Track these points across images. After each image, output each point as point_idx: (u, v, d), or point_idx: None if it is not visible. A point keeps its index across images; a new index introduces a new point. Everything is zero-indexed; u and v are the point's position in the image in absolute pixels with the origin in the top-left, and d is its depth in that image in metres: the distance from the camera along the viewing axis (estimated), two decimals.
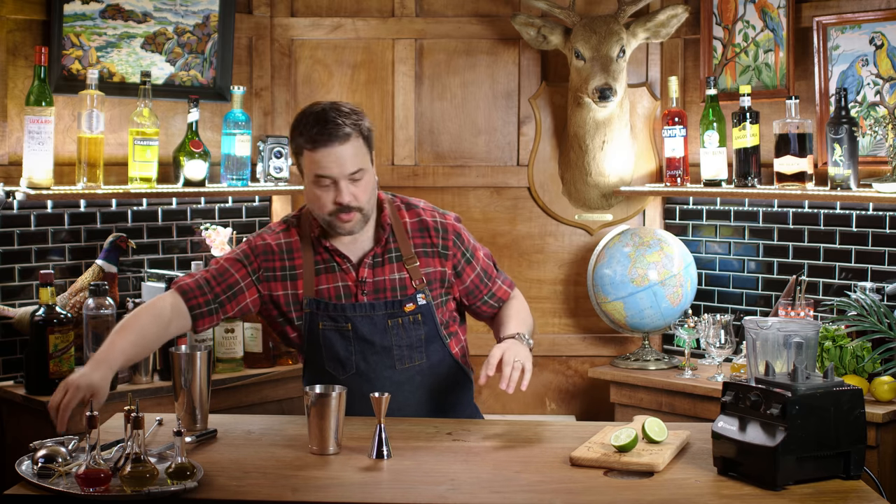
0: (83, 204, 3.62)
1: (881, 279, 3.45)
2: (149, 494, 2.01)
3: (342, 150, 2.55)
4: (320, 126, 2.55)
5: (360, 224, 2.62)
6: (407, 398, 2.68)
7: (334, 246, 2.66)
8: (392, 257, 2.68)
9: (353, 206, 2.58)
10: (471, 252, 2.78)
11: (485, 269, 2.81)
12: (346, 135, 2.55)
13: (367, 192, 2.61)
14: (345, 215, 2.58)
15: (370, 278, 2.66)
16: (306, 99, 4.12)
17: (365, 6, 4.12)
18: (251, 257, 2.68)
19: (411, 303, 2.66)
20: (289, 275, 2.67)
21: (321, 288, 2.66)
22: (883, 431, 3.08)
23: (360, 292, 2.65)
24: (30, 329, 3.17)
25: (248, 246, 2.70)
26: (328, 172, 2.56)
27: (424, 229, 2.72)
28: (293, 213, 2.77)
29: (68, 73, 3.53)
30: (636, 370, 3.76)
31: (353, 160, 2.57)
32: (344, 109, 2.59)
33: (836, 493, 2.05)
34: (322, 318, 2.65)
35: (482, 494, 2.07)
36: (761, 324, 2.22)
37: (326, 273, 2.67)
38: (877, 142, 3.46)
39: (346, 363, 2.66)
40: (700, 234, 3.99)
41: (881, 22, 3.43)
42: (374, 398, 2.29)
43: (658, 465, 2.18)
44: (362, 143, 2.60)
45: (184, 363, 2.49)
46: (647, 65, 4.06)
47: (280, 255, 2.68)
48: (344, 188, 2.56)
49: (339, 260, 2.67)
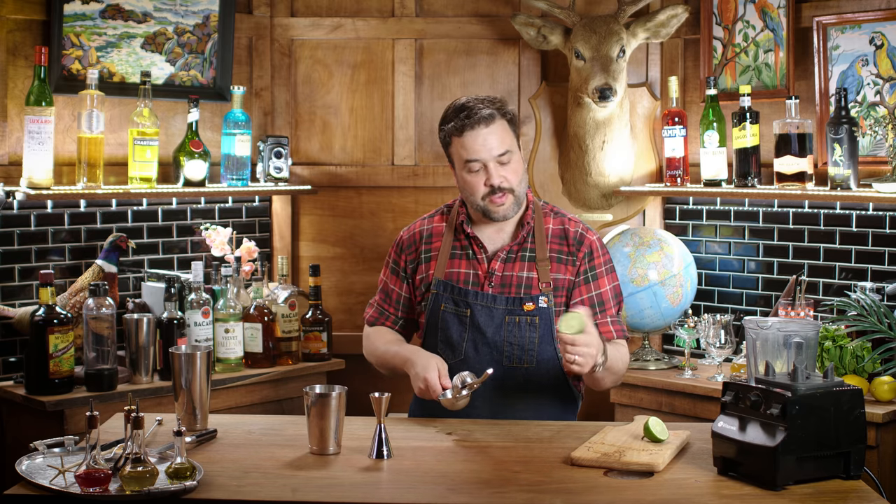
0: (83, 204, 3.62)
1: (881, 279, 3.45)
2: (149, 494, 2.01)
3: (487, 132, 2.64)
4: (465, 112, 2.66)
5: (513, 207, 2.70)
6: (506, 398, 2.68)
7: (475, 234, 2.74)
8: (525, 255, 2.73)
9: (504, 187, 2.66)
10: (595, 273, 2.75)
11: (601, 299, 2.74)
12: (490, 116, 2.65)
13: (517, 174, 2.69)
14: (497, 198, 2.66)
15: (500, 271, 2.71)
16: (306, 99, 4.12)
17: (365, 6, 4.12)
18: (400, 261, 2.84)
19: (532, 303, 2.68)
20: (423, 258, 2.78)
21: (452, 271, 2.74)
22: (883, 431, 3.08)
23: (487, 283, 2.71)
24: (30, 329, 3.17)
25: (395, 246, 2.86)
26: (477, 156, 2.65)
27: (564, 237, 2.76)
28: (445, 204, 2.87)
29: (68, 73, 3.54)
30: (636, 370, 3.75)
31: (499, 142, 2.66)
32: (483, 98, 2.70)
33: (836, 493, 2.05)
34: (445, 300, 2.72)
35: (482, 494, 2.07)
36: (761, 324, 2.22)
37: (461, 258, 2.75)
38: (877, 142, 3.46)
39: (457, 348, 2.70)
40: (700, 234, 3.99)
41: (881, 22, 3.43)
42: (373, 398, 2.30)
43: (658, 465, 2.18)
44: (507, 126, 2.69)
45: (184, 363, 2.49)
46: (647, 65, 4.06)
47: (420, 241, 2.81)
48: (493, 170, 2.65)
49: (476, 248, 2.74)
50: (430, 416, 2.66)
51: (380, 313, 2.87)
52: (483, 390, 2.61)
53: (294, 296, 3.69)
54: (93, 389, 3.21)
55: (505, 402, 2.68)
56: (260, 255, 3.82)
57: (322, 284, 3.83)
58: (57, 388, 3.17)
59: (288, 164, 3.94)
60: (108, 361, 3.22)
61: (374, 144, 4.13)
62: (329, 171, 4.13)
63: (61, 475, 2.09)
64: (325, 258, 4.12)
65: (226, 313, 3.52)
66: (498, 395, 2.67)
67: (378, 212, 4.12)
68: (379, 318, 2.87)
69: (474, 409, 2.63)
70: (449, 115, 2.71)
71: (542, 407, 2.71)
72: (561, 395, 2.75)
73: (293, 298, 3.68)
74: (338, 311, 4.10)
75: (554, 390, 2.72)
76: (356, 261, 4.14)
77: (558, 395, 2.74)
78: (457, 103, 2.71)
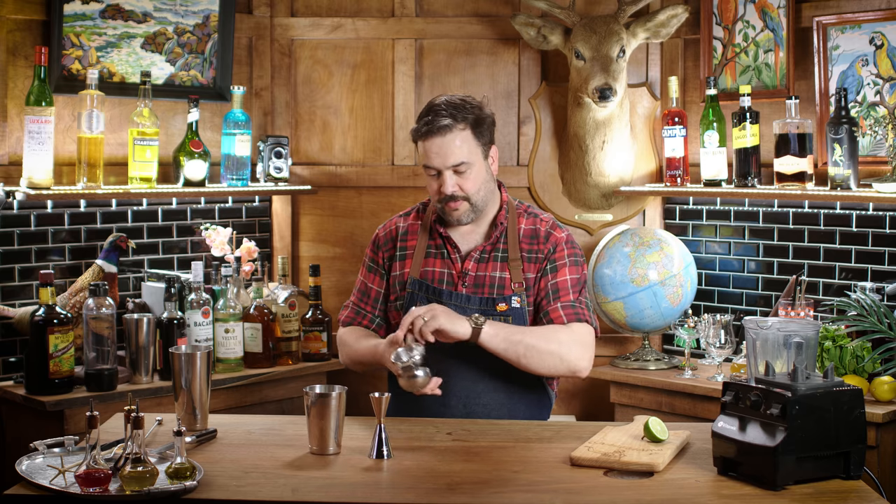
0: (83, 204, 3.62)
1: (881, 279, 3.45)
2: (149, 494, 2.01)
3: (443, 141, 2.64)
4: (428, 117, 2.66)
5: (468, 214, 2.70)
6: (480, 398, 2.69)
7: (448, 234, 2.76)
8: (498, 256, 2.74)
9: (458, 195, 2.67)
10: (555, 266, 2.73)
11: (556, 287, 2.72)
12: (446, 126, 2.64)
13: (475, 183, 2.68)
14: (452, 204, 2.68)
15: (473, 272, 2.72)
16: (306, 99, 4.12)
17: (365, 6, 4.12)
18: (377, 258, 2.84)
19: (504, 303, 2.69)
20: (399, 255, 2.79)
21: (427, 270, 2.75)
22: (883, 431, 3.08)
23: (461, 283, 2.72)
24: (30, 329, 3.17)
25: (372, 244, 2.86)
26: (431, 163, 2.67)
27: (535, 236, 2.76)
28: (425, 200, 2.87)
29: (68, 73, 3.53)
30: (636, 370, 3.76)
31: (455, 152, 2.65)
32: (455, 101, 2.68)
33: (836, 493, 2.05)
34: (420, 299, 2.72)
35: (482, 494, 2.07)
36: (761, 324, 2.22)
37: (435, 258, 2.76)
38: (877, 142, 3.46)
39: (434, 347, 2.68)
40: (700, 234, 3.99)
41: (881, 22, 3.43)
42: (373, 398, 2.29)
43: (658, 465, 2.18)
44: (469, 134, 2.67)
45: (184, 363, 2.49)
46: (647, 65, 4.06)
47: (396, 238, 2.81)
48: (447, 178, 2.66)
49: (450, 248, 2.75)
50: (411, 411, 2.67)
51: (356, 313, 2.86)
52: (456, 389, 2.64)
53: (294, 296, 3.69)
54: (93, 389, 3.21)
55: (479, 402, 2.69)
56: (260, 255, 3.82)
57: (322, 284, 3.83)
58: (57, 388, 3.17)
59: (288, 164, 3.94)
60: (108, 361, 3.22)
61: (374, 144, 4.13)
62: (329, 171, 4.13)
63: (61, 475, 2.09)
64: (325, 258, 4.12)
65: (226, 313, 3.52)
66: (472, 393, 2.68)
67: (378, 212, 4.12)
68: (355, 318, 2.86)
69: (448, 408, 2.67)
70: (420, 115, 2.72)
71: (516, 405, 2.72)
72: (535, 393, 2.76)
73: (293, 298, 3.68)
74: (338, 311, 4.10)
75: (524, 388, 2.73)
76: (356, 261, 4.14)
77: (530, 393, 2.75)
78: (430, 103, 2.71)
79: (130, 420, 2.06)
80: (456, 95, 2.72)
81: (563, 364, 2.63)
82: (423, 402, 2.67)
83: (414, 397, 2.58)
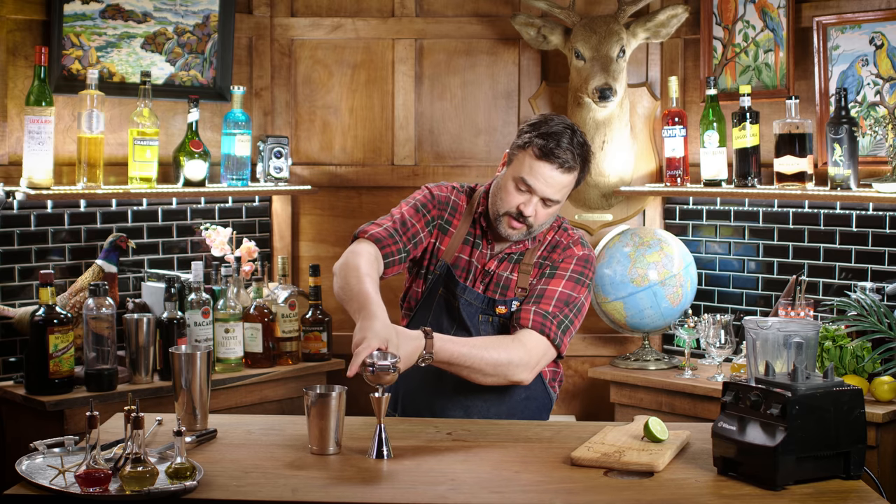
0: (83, 204, 3.62)
1: (881, 279, 3.45)
2: (149, 494, 2.00)
3: (558, 176, 2.61)
4: (556, 142, 2.59)
5: (519, 235, 2.68)
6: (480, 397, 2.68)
7: (488, 229, 2.73)
8: (514, 257, 2.74)
9: (528, 220, 2.64)
10: (554, 273, 2.69)
11: (542, 293, 2.65)
12: (569, 168, 2.61)
13: (548, 217, 2.68)
14: (516, 222, 2.65)
15: (491, 269, 2.72)
16: (306, 99, 4.12)
17: (365, 6, 4.12)
18: (429, 206, 2.75)
19: (504, 306, 2.69)
20: (442, 226, 2.76)
21: (459, 256, 2.73)
22: (883, 431, 3.08)
23: (479, 279, 2.72)
24: (30, 329, 3.17)
25: (428, 194, 2.77)
26: (534, 185, 2.61)
27: (555, 247, 2.75)
28: (468, 184, 2.84)
29: (68, 73, 3.53)
30: (636, 370, 3.76)
31: (560, 191, 2.64)
32: (582, 141, 2.64)
33: (836, 493, 2.04)
34: (443, 285, 2.71)
35: (482, 494, 2.07)
36: (761, 324, 2.22)
37: (472, 247, 2.74)
38: (877, 142, 3.46)
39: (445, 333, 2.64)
40: (700, 234, 3.99)
41: (881, 22, 3.43)
42: (373, 398, 2.29)
43: (658, 465, 2.17)
44: (573, 181, 2.66)
45: (184, 363, 2.49)
46: (647, 65, 4.06)
47: (447, 208, 2.77)
48: (533, 203, 2.62)
49: (485, 242, 2.74)
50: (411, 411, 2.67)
51: (389, 235, 2.62)
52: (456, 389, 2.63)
53: (294, 296, 3.69)
54: (93, 389, 3.21)
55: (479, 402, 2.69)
56: (260, 255, 3.82)
57: (322, 284, 3.83)
58: (57, 388, 3.17)
59: (288, 164, 3.94)
60: (108, 361, 3.22)
61: (374, 144, 4.13)
62: (329, 171, 4.14)
63: (61, 475, 2.09)
64: (325, 258, 4.12)
65: (226, 313, 3.52)
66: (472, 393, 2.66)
67: (378, 212, 4.09)
68: (385, 240, 2.61)
69: (448, 408, 2.67)
70: (539, 128, 2.61)
71: (516, 406, 2.72)
72: (534, 395, 2.75)
73: (293, 298, 3.69)
74: (338, 311, 4.10)
75: (525, 391, 2.72)
76: None
77: (531, 395, 2.74)
78: (559, 124, 2.61)
79: (130, 420, 2.06)
80: (578, 130, 2.64)
81: (500, 375, 2.54)
82: (423, 403, 2.67)
83: (414, 397, 2.57)
